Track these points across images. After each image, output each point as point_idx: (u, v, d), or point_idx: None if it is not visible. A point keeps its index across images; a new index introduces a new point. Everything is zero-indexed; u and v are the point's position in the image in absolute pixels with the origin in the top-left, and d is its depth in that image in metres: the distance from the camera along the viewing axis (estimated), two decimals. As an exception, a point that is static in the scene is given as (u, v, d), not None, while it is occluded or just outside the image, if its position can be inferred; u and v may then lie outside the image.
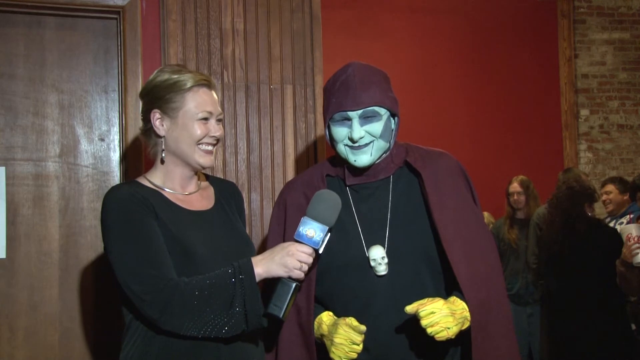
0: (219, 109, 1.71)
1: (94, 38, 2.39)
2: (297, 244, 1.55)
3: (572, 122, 5.77)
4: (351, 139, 1.67)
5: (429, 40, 5.38)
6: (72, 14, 2.33)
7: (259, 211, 2.36)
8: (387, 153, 1.74)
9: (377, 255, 1.65)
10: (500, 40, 5.54)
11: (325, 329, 1.66)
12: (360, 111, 1.66)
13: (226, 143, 2.35)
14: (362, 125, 1.66)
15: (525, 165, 5.23)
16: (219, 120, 1.72)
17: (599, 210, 4.57)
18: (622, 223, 4.08)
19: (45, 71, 2.34)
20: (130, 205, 1.57)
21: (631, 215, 4.14)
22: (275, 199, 2.39)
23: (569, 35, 5.78)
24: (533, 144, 5.54)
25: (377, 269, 1.66)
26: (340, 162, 1.78)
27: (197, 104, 1.65)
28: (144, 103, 1.71)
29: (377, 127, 1.67)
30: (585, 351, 3.46)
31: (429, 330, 1.51)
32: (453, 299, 1.61)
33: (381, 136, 1.68)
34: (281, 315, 1.50)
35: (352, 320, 1.61)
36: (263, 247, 2.35)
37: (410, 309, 1.54)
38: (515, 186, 4.43)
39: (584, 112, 5.83)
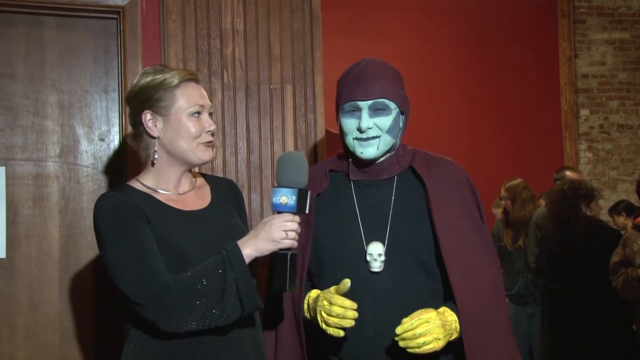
0: (209, 102, 1.72)
1: (94, 38, 2.39)
2: (276, 215, 1.53)
3: (572, 122, 5.77)
4: (359, 129, 1.66)
5: (429, 40, 5.38)
6: (72, 14, 2.33)
7: (259, 211, 2.36)
8: (392, 153, 1.73)
9: (375, 251, 1.66)
10: (500, 40, 5.55)
11: (312, 302, 1.68)
12: (370, 102, 1.65)
13: (226, 143, 2.34)
14: (371, 117, 1.66)
15: (525, 165, 5.24)
16: (210, 114, 1.72)
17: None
18: None
19: (45, 71, 2.33)
20: (120, 211, 1.56)
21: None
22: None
23: (569, 35, 5.78)
24: (533, 144, 5.54)
25: (372, 264, 1.66)
26: (346, 156, 1.79)
27: (188, 98, 1.65)
28: (131, 107, 1.70)
29: (385, 121, 1.66)
30: (586, 351, 3.46)
31: (421, 339, 1.50)
32: (443, 309, 1.61)
33: (389, 131, 1.67)
34: (287, 288, 1.50)
35: (335, 288, 1.60)
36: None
37: (401, 326, 1.53)
38: (502, 192, 4.47)
39: (584, 112, 5.83)
